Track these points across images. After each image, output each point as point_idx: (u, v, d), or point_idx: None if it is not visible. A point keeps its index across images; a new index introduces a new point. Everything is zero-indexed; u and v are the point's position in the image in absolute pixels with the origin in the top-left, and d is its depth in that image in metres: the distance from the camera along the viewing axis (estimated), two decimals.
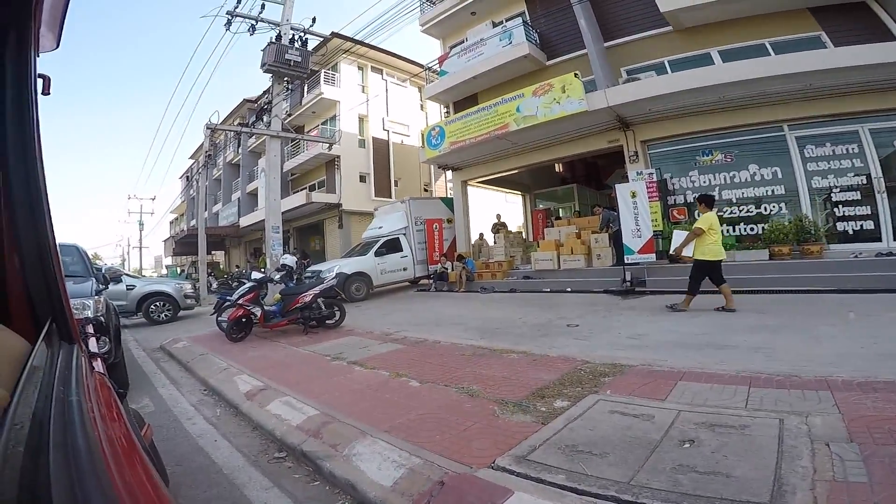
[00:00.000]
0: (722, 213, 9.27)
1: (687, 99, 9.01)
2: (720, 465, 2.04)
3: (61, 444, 0.39)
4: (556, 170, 15.70)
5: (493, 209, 14.86)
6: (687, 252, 6.35)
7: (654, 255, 8.79)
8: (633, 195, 8.79)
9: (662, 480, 1.96)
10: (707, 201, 6.52)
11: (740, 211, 9.33)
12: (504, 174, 13.37)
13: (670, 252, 7.02)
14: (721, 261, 6.21)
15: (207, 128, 12.55)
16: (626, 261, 8.85)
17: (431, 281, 12.27)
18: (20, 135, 0.78)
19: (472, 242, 13.80)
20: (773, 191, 9.05)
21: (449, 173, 15.07)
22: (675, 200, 10.03)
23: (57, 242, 0.92)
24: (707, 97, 8.84)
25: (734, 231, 9.22)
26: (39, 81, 0.87)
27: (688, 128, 9.66)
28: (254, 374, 4.58)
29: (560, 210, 15.89)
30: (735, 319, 5.47)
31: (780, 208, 8.97)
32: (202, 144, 19.44)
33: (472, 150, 12.05)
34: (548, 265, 10.70)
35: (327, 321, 7.08)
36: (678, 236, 6.60)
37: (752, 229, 9.07)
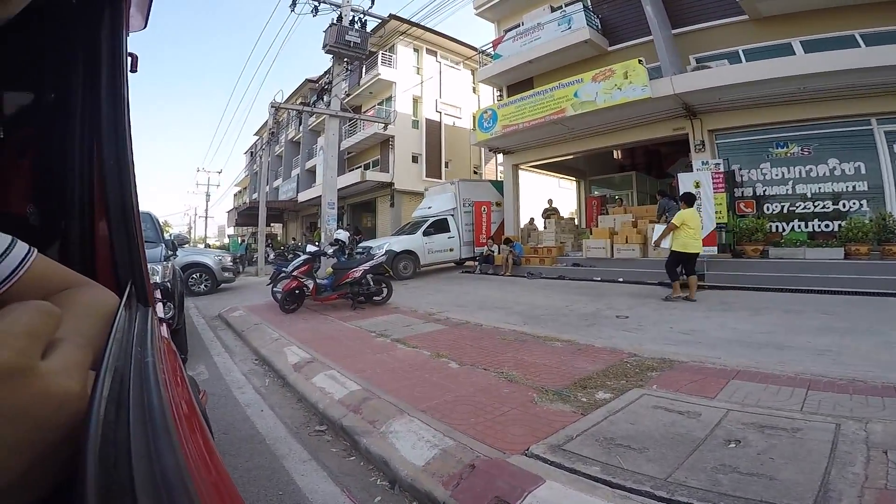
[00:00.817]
0: (795, 209, 8.81)
1: (763, 89, 8.45)
2: (765, 466, 1.95)
3: (139, 402, 0.41)
4: (615, 156, 15.06)
5: (546, 194, 14.53)
6: (665, 244, 6.97)
7: (715, 248, 8.34)
8: (697, 185, 8.34)
9: (701, 479, 1.89)
10: (687, 199, 7.05)
11: (815, 206, 8.69)
12: (558, 159, 13.06)
13: (653, 242, 7.62)
14: (697, 254, 6.79)
15: (272, 106, 13.09)
16: None
17: (477, 263, 12.27)
18: (113, 109, 0.83)
19: (522, 227, 13.61)
20: (853, 187, 8.37)
21: (500, 156, 14.90)
22: (742, 193, 9.46)
23: (139, 209, 0.97)
24: (786, 88, 8.28)
25: (806, 227, 8.70)
26: (128, 60, 0.91)
27: (761, 118, 9.10)
28: (302, 345, 4.79)
29: (617, 198, 15.32)
30: (801, 320, 5.09)
31: (861, 205, 8.30)
32: (266, 122, 20.29)
33: (525, 134, 11.86)
34: (600, 253, 10.38)
35: (375, 297, 7.27)
36: (658, 229, 7.27)
37: (826, 226, 8.50)
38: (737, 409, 2.61)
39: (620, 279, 9.21)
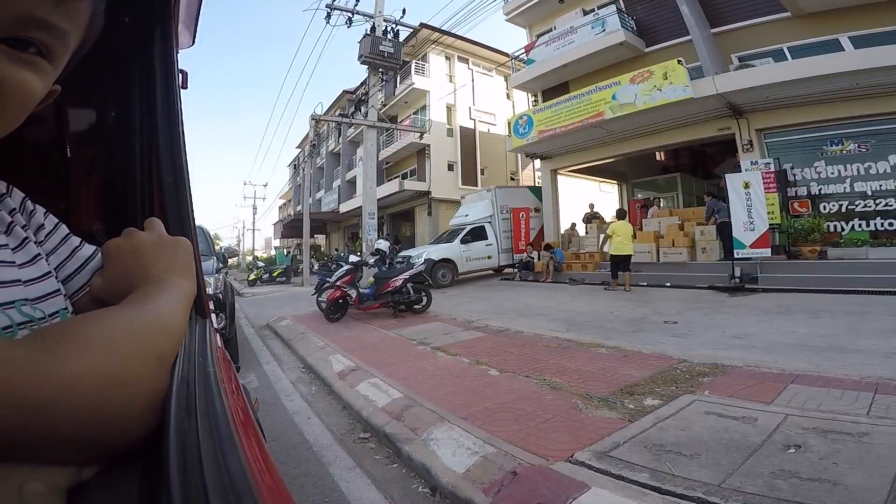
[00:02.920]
0: (854, 207, 8.34)
1: (813, 86, 8.04)
2: (828, 472, 1.85)
3: (204, 409, 0.43)
4: (657, 158, 14.60)
5: (586, 198, 14.24)
6: (606, 248, 9.06)
7: (768, 250, 7.93)
8: (747, 186, 7.95)
9: (757, 485, 1.82)
10: (619, 214, 9.36)
11: (876, 204, 8.12)
12: (597, 163, 12.82)
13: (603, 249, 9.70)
14: (628, 256, 8.62)
15: (312, 118, 13.61)
16: (735, 255, 8.07)
17: (516, 270, 12.16)
18: (168, 125, 0.86)
19: (562, 232, 13.40)
20: None
21: (537, 162, 14.78)
22: (795, 192, 8.98)
23: (195, 223, 1.00)
24: (838, 84, 7.84)
25: (868, 226, 8.16)
26: (179, 77, 0.93)
27: (813, 116, 8.62)
28: (347, 354, 4.91)
29: (661, 200, 14.85)
30: (865, 322, 4.77)
31: None
32: (307, 134, 21.05)
33: (562, 139, 11.74)
34: (645, 258, 10.08)
35: (415, 306, 7.38)
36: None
37: (890, 224, 7.94)
38: (796, 413, 2.48)
39: (668, 284, 8.90)
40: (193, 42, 1.08)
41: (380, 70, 11.58)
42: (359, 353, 4.90)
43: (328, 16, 11.27)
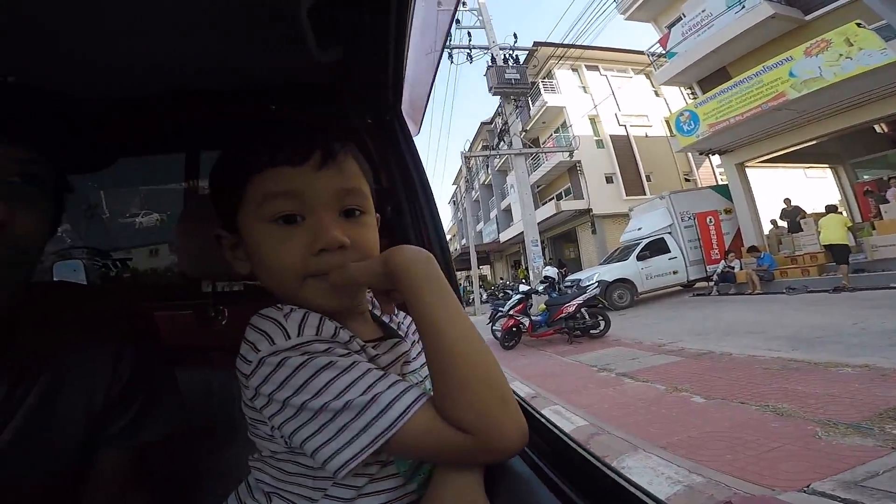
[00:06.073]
0: None
1: None
2: None
3: None
4: (880, 131, 11.77)
5: (790, 189, 12.16)
6: None
7: None
8: None
9: None
10: (828, 209, 8.67)
11: None
12: (795, 147, 11.03)
13: None
14: (843, 245, 8.07)
15: (463, 156, 14.79)
16: None
17: (712, 283, 10.97)
18: (424, 192, 1.15)
19: (766, 233, 11.59)
20: None
21: (715, 158, 13.35)
22: None
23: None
24: None
25: None
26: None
27: None
28: (525, 381, 5.06)
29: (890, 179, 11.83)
30: None
31: None
32: (460, 169, 22.68)
33: (739, 129, 10.65)
34: (893, 252, 8.09)
35: (591, 331, 7.24)
36: None
37: None
38: None
39: None
40: (419, 131, 1.36)
41: (511, 97, 12.20)
42: (537, 380, 5.03)
43: (450, 56, 12.50)
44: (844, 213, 11.80)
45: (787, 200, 11.66)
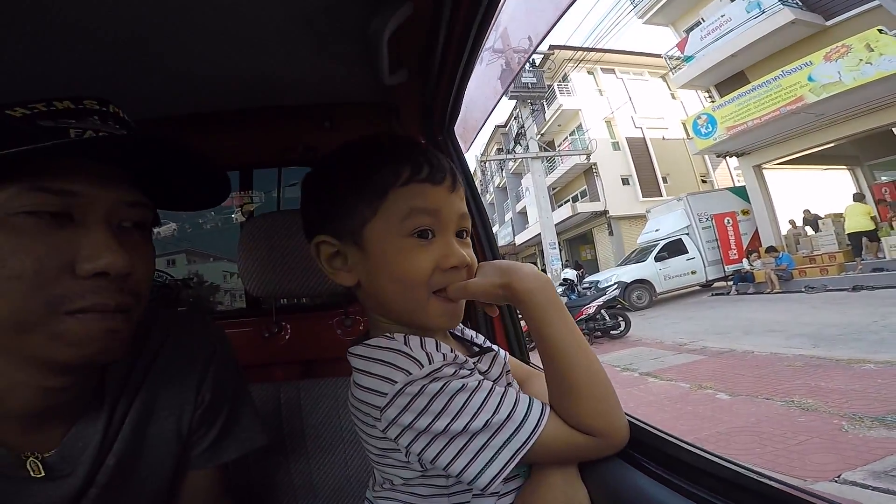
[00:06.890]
0: None
1: None
2: None
3: None
4: None
5: (806, 190, 12.16)
6: None
7: None
8: None
9: None
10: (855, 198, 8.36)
11: None
12: (813, 150, 10.99)
13: None
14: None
15: (478, 160, 14.89)
16: None
17: (731, 283, 11.00)
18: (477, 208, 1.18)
19: (784, 233, 11.55)
20: None
21: (732, 160, 13.34)
22: None
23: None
24: None
25: None
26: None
27: None
28: None
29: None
30: None
31: None
32: (474, 172, 22.70)
33: (757, 132, 10.76)
34: None
35: (612, 332, 7.31)
36: None
37: None
38: None
39: None
40: (468, 148, 1.46)
41: (528, 101, 12.30)
42: None
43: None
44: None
45: (806, 211, 11.71)
